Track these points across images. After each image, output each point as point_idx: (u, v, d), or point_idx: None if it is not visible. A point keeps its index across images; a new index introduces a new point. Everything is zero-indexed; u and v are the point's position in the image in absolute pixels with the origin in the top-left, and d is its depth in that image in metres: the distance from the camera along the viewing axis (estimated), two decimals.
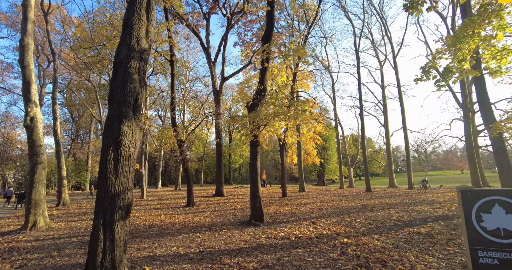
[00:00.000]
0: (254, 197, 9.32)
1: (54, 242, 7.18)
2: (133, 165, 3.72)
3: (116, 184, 3.46)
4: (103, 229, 3.31)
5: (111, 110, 3.73)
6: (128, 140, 3.66)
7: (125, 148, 3.62)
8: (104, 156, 3.52)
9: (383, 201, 14.14)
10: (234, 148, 56.06)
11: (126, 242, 3.61)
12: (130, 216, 10.25)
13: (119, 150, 3.57)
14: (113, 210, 3.38)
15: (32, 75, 9.85)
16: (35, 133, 9.45)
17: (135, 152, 3.77)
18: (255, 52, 25.98)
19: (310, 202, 15.24)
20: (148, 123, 21.65)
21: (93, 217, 9.86)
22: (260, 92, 9.55)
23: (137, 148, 3.83)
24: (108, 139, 3.59)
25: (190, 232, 7.98)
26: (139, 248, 6.19)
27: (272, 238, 6.95)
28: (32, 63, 9.97)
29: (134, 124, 3.81)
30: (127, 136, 3.65)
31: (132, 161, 3.71)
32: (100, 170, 3.48)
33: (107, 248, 3.27)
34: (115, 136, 3.58)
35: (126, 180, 3.58)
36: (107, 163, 3.47)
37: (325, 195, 20.25)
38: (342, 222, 8.80)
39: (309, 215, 10.44)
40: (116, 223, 3.38)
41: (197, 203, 16.53)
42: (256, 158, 9.69)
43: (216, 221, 9.88)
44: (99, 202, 3.40)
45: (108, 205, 3.37)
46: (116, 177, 3.48)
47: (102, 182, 3.44)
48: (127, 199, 3.56)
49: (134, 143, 3.74)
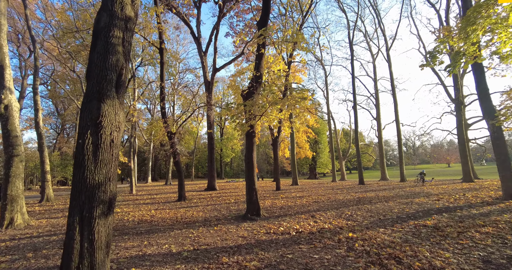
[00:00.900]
0: (250, 191, 8.83)
1: (31, 241, 6.52)
2: (116, 152, 3.13)
3: (95, 174, 2.88)
4: (79, 228, 2.74)
5: (89, 87, 3.12)
6: (109, 122, 3.07)
7: (106, 131, 3.03)
8: (80, 141, 2.93)
9: (379, 194, 13.94)
10: (226, 142, 55.42)
11: (109, 242, 3.05)
12: (117, 211, 9.62)
13: (99, 133, 2.97)
14: (92, 205, 2.80)
15: (6, 58, 8.97)
16: (10, 123, 8.64)
17: (119, 137, 3.19)
18: (247, 43, 25.27)
19: (305, 195, 14.92)
20: (136, 115, 20.79)
21: None
22: (257, 80, 8.98)
23: (121, 132, 3.24)
24: (85, 120, 2.98)
25: (182, 228, 7.45)
26: (127, 246, 5.62)
27: (272, 233, 6.50)
28: (5, 46, 9.08)
29: (117, 103, 3.22)
30: (108, 118, 3.06)
31: (115, 147, 3.12)
32: (76, 158, 2.89)
33: (85, 250, 2.71)
34: (94, 117, 2.98)
35: (107, 169, 3.00)
36: (84, 149, 2.88)
37: (319, 188, 20.02)
38: (342, 215, 8.44)
39: (307, 209, 10.06)
40: (96, 220, 2.81)
41: (189, 197, 15.97)
42: (252, 150, 9.19)
43: (210, 216, 9.37)
44: (75, 196, 2.82)
45: (86, 199, 2.79)
46: (95, 166, 2.90)
47: (78, 172, 2.85)
48: (109, 192, 2.99)
49: (117, 126, 3.15)
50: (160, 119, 16.50)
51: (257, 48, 9.46)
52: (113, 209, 3.08)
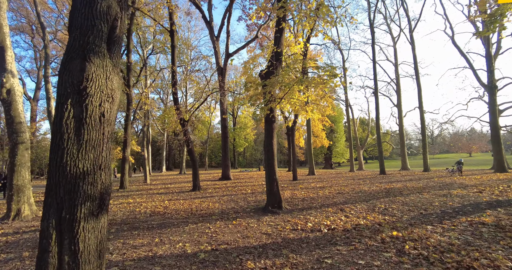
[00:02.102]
0: (270, 181, 7.99)
1: (34, 236, 5.97)
2: (109, 131, 2.31)
3: (79, 159, 2.07)
4: (57, 235, 1.96)
5: (71, 41, 2.28)
6: (98, 88, 2.23)
7: (94, 101, 2.19)
8: (58, 114, 2.11)
9: (406, 184, 12.84)
10: (239, 131, 54.75)
11: (103, 252, 2.26)
12: (129, 202, 8.95)
13: (83, 104, 2.14)
14: (74, 202, 2.01)
15: (7, 39, 8.33)
16: (14, 108, 8.06)
17: (113, 110, 2.35)
18: (261, 26, 24.06)
19: (326, 185, 13.99)
20: (149, 103, 20.22)
21: None
22: (277, 57, 7.98)
23: (115, 104, 2.40)
24: (64, 86, 2.16)
25: (198, 222, 6.73)
26: (136, 244, 4.92)
27: (299, 230, 5.66)
28: (6, 26, 8.42)
29: (109, 64, 2.36)
30: (96, 82, 2.22)
31: (107, 123, 2.29)
32: (53, 137, 2.09)
33: (65, 266, 1.94)
34: (76, 82, 2.15)
35: (97, 153, 2.18)
36: (63, 125, 2.07)
37: (338, 178, 19.03)
38: (375, 209, 7.49)
39: (332, 201, 9.16)
40: (81, 223, 2.01)
41: (203, 187, 15.39)
42: (272, 136, 8.29)
43: (227, 208, 8.64)
44: (51, 191, 2.03)
45: (66, 195, 2.00)
46: (79, 148, 2.08)
47: (55, 157, 2.05)
48: (99, 184, 2.18)
49: (109, 94, 2.31)
50: (172, 107, 15.80)
51: (277, 23, 8.42)
52: (106, 207, 2.27)
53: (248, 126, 55.06)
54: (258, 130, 62.67)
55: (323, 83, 6.79)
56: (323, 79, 6.85)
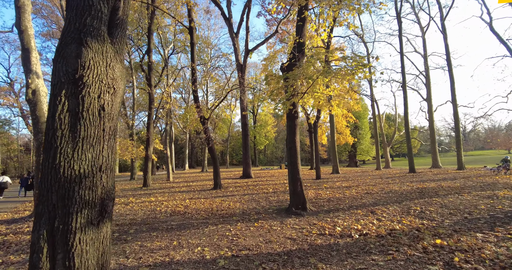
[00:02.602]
0: (294, 181, 7.54)
1: None
2: (111, 127, 2.00)
3: (74, 159, 1.78)
4: (49, 248, 1.68)
5: (66, 24, 1.99)
6: (97, 78, 1.92)
7: (92, 92, 1.89)
8: (51, 108, 1.83)
9: (441, 184, 11.84)
10: (259, 129, 54.47)
11: (105, 267, 1.96)
12: (151, 200, 8.89)
13: (79, 96, 1.84)
14: (69, 210, 1.72)
15: (32, 41, 8.48)
16: (39, 108, 8.21)
17: (115, 102, 2.04)
18: (281, 21, 23.50)
19: (352, 185, 13.27)
20: (170, 101, 20.39)
21: None
22: (300, 48, 7.48)
23: (117, 96, 2.09)
24: (58, 75, 1.87)
25: (218, 223, 6.44)
26: (153, 248, 4.70)
27: (327, 235, 5.18)
28: (30, 28, 8.59)
29: (110, 50, 2.05)
30: (95, 71, 1.91)
31: (109, 118, 1.98)
32: (46, 135, 1.81)
33: None
34: (72, 70, 1.85)
35: (96, 152, 1.89)
36: (56, 120, 1.78)
37: (365, 177, 18.10)
38: (410, 211, 6.82)
39: (361, 202, 8.54)
40: (77, 235, 1.72)
41: (224, 185, 15.20)
42: (295, 133, 7.82)
43: (248, 208, 8.30)
44: (42, 197, 1.76)
45: (59, 201, 1.72)
46: (74, 147, 1.79)
47: (48, 157, 1.77)
48: (100, 188, 1.88)
49: (109, 84, 2.00)
50: (193, 105, 15.74)
51: (299, 12, 7.90)
52: (109, 214, 1.97)
53: (269, 123, 54.60)
54: (279, 128, 62.04)
55: (351, 74, 6.22)
56: (350, 70, 6.27)
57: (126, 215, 7.93)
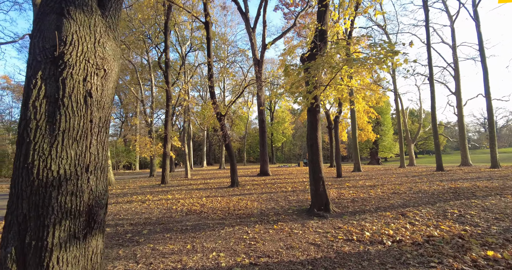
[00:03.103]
0: (315, 180, 7.03)
1: None
2: (101, 117, 1.63)
3: (51, 157, 1.43)
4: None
5: None
6: (83, 56, 1.55)
7: (76, 73, 1.52)
8: (25, 93, 1.47)
9: (477, 184, 10.84)
10: (276, 126, 53.84)
11: None
12: (167, 198, 8.70)
13: (59, 78, 1.48)
14: (44, 222, 1.36)
15: None
16: None
17: (106, 88, 1.67)
18: (298, 14, 22.80)
19: (376, 184, 12.51)
20: (187, 98, 20.31)
21: (129, 200, 8.27)
22: (322, 36, 6.91)
23: (110, 80, 1.71)
24: (34, 53, 1.51)
25: (235, 224, 6.07)
26: (165, 252, 4.39)
27: (355, 240, 4.66)
28: None
29: (100, 24, 1.68)
30: (80, 47, 1.54)
31: (98, 106, 1.61)
32: (18, 127, 1.47)
33: None
34: (49, 46, 1.48)
35: (81, 149, 1.52)
36: (29, 109, 1.43)
37: (389, 175, 17.15)
38: (447, 214, 6.13)
39: (388, 203, 7.88)
40: (53, 254, 1.36)
41: (241, 183, 14.89)
42: (316, 129, 7.29)
43: (267, 208, 7.89)
44: (12, 205, 1.41)
45: (32, 211, 1.36)
46: (52, 142, 1.44)
47: (19, 154, 1.42)
48: (87, 193, 1.52)
49: (99, 65, 1.62)
50: (209, 101, 15.50)
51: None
52: (100, 225, 1.61)
53: (286, 120, 53.83)
54: (297, 125, 61.11)
55: (380, 63, 5.60)
56: (379, 58, 5.65)
57: (141, 213, 7.76)
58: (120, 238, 5.26)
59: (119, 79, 39.21)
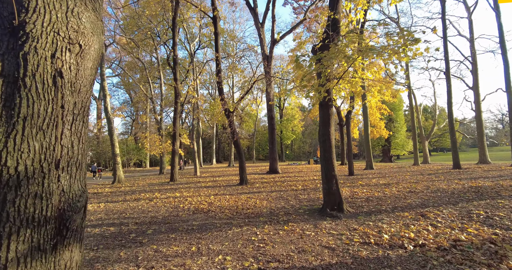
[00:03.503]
0: (328, 178, 6.66)
1: None
2: (76, 103, 1.34)
3: (8, 151, 1.15)
4: None
5: None
6: (51, 26, 1.27)
7: (42, 47, 1.24)
8: None
9: (500, 183, 10.21)
10: (286, 123, 53.30)
11: None
12: (175, 196, 8.55)
13: (20, 52, 1.20)
14: None
15: None
16: None
17: (82, 68, 1.38)
18: (308, 8, 22.25)
19: (391, 182, 12.00)
20: (195, 95, 20.14)
21: (137, 197, 8.03)
22: (334, 26, 6.50)
23: (87, 58, 1.42)
24: None
25: (243, 225, 5.78)
26: (168, 254, 4.13)
27: (373, 244, 4.29)
28: None
29: None
30: (48, 16, 1.26)
31: (71, 89, 1.32)
32: None
33: None
34: (7, 13, 1.20)
35: (49, 140, 1.25)
36: None
37: (403, 173, 16.54)
38: (472, 216, 5.66)
39: (406, 202, 7.43)
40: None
41: (250, 181, 14.61)
42: (329, 124, 6.90)
43: (277, 207, 7.57)
44: None
45: None
46: (9, 132, 1.16)
47: None
48: (56, 195, 1.25)
49: (73, 39, 1.33)
50: (217, 98, 15.25)
51: None
52: (76, 234, 1.33)
53: (296, 117, 53.19)
54: (306, 122, 60.41)
55: (399, 52, 5.17)
56: (398, 47, 5.22)
57: (148, 212, 7.57)
58: (123, 239, 5.04)
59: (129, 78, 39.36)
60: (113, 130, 18.29)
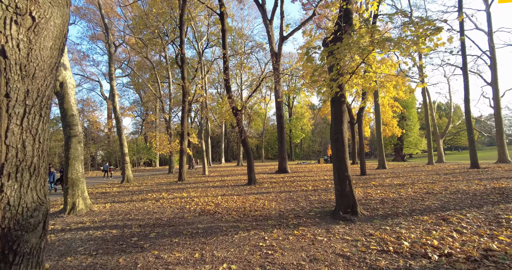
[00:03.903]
0: (341, 179, 6.27)
1: (73, 237, 5.46)
2: (31, 91, 1.05)
3: None
4: None
5: None
6: None
7: None
8: None
9: None
10: (295, 122, 52.75)
11: None
12: (182, 196, 8.30)
13: None
14: None
15: None
16: (66, 101, 7.93)
17: (39, 46, 1.09)
18: (318, 3, 21.71)
19: (406, 182, 11.46)
20: (205, 94, 19.95)
21: (143, 198, 7.79)
22: (347, 17, 6.09)
23: (46, 36, 1.13)
24: None
25: (250, 228, 5.47)
26: (169, 261, 3.86)
27: (392, 252, 3.91)
28: None
29: None
30: None
31: (23, 74, 1.03)
32: None
33: None
34: None
35: None
36: None
37: (418, 172, 15.89)
38: (501, 221, 5.18)
39: (423, 204, 6.97)
40: None
41: (259, 180, 14.30)
42: (342, 122, 6.51)
43: (286, 209, 7.23)
44: None
45: None
46: None
47: None
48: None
49: (23, 9, 1.04)
50: (225, 96, 14.97)
51: None
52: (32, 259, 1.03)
53: (305, 116, 52.55)
54: (316, 120, 59.66)
55: (418, 43, 4.75)
56: (417, 37, 4.79)
57: (153, 213, 7.35)
58: (125, 243, 4.81)
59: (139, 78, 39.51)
60: (121, 130, 18.29)
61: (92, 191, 13.59)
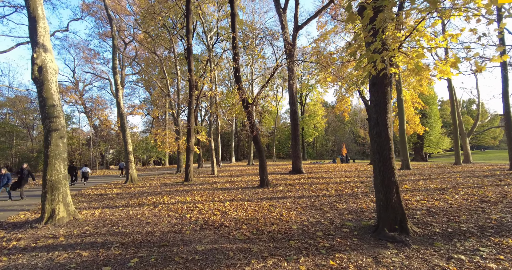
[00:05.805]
0: (386, 185, 4.73)
1: (29, 263, 4.14)
2: None
3: None
4: None
5: None
6: None
7: None
8: None
9: None
10: (308, 120, 50.87)
11: None
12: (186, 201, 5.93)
13: None
14: None
15: (39, 8, 6.96)
16: (46, 89, 6.69)
17: None
18: None
19: (445, 186, 9.73)
20: (214, 88, 18.64)
21: (141, 202, 6.07)
22: None
23: None
24: None
25: (267, 254, 4.02)
26: None
27: None
28: None
29: None
30: None
31: None
32: None
33: None
34: None
35: None
36: None
37: (449, 174, 14.00)
38: None
39: (490, 218, 5.33)
40: None
41: (272, 182, 12.83)
42: (386, 111, 4.97)
43: (310, 222, 5.74)
44: None
45: None
46: None
47: None
48: None
49: None
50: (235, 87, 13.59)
51: None
52: None
53: (318, 113, 50.56)
54: (329, 118, 57.58)
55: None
56: None
57: (144, 225, 6.00)
58: None
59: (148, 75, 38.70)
60: (125, 126, 17.19)
61: (91, 193, 12.48)
